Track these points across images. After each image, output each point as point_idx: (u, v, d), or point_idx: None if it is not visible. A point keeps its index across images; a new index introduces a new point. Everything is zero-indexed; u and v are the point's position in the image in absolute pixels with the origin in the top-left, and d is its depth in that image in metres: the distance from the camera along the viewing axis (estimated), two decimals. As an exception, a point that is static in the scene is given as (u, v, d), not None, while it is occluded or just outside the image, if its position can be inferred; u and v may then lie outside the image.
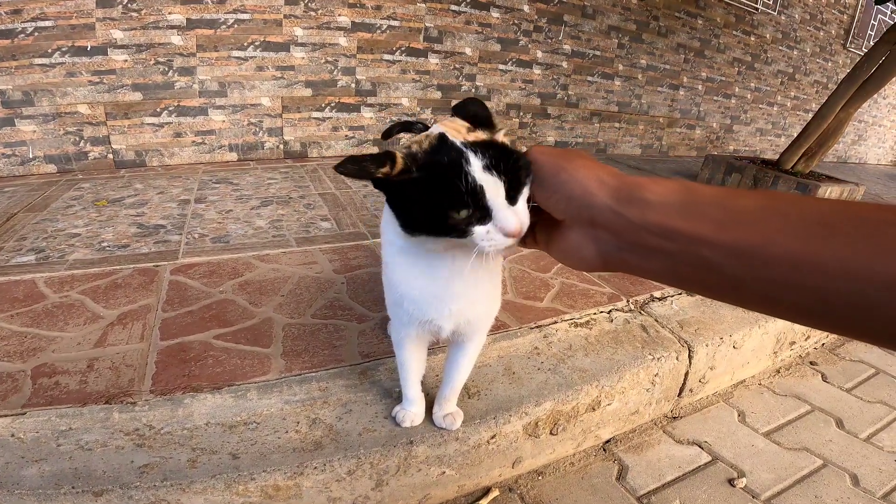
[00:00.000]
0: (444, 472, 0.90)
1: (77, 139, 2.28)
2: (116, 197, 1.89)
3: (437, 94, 3.10)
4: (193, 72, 2.42)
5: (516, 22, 3.21)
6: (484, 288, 0.68)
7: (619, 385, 1.05)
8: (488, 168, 0.47)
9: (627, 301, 1.38)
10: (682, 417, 1.21)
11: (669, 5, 3.84)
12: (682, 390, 1.21)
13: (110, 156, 2.36)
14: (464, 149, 0.48)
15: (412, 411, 0.86)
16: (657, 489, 0.98)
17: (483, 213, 0.48)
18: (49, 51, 2.12)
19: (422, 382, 0.86)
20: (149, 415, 0.82)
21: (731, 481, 1.01)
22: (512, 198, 0.49)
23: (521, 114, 3.49)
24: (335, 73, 2.74)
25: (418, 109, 3.06)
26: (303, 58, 2.63)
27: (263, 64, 2.55)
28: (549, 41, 3.39)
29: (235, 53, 2.49)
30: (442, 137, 0.50)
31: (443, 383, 0.85)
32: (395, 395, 0.92)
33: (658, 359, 1.12)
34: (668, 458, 1.07)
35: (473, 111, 0.55)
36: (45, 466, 0.70)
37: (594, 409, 1.03)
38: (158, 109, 2.40)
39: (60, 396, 0.84)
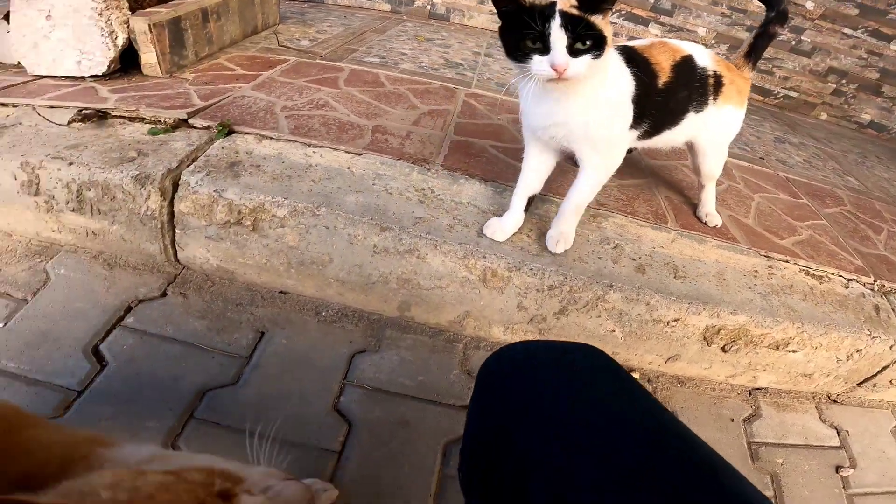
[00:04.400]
0: (613, 331, 0.99)
1: (411, -13, 2.73)
2: (429, 37, 2.27)
3: (742, 34, 2.63)
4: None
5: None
6: (582, 111, 0.83)
7: (818, 339, 0.99)
8: (562, 26, 0.69)
9: (875, 280, 1.17)
10: (842, 403, 1.14)
11: None
12: (868, 379, 1.09)
13: (428, 7, 2.78)
14: (557, 11, 0.69)
15: (500, 222, 0.97)
16: (771, 444, 0.99)
17: (544, 49, 0.71)
18: None
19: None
20: (434, 181, 1.09)
21: (838, 468, 0.98)
22: (573, 51, 0.71)
23: (844, 81, 2.72)
24: None
25: (713, 42, 2.67)
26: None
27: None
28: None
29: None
30: (553, 3, 0.70)
31: (561, 207, 0.97)
32: (613, 244, 1.02)
33: (873, 338, 1.00)
34: (801, 427, 1.05)
35: None
36: (360, 198, 1.00)
37: (777, 349, 1.00)
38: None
39: (386, 149, 1.17)
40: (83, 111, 1.16)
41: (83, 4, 1.29)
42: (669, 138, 1.01)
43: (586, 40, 0.71)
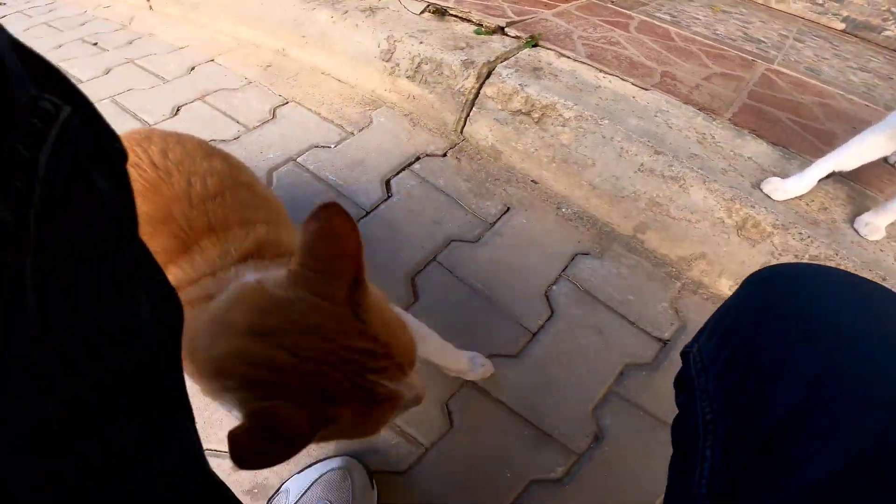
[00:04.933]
0: None
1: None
2: (726, 10, 2.12)
3: None
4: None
5: None
6: None
7: None
8: None
9: None
10: None
11: None
12: None
13: (729, -19, 2.55)
14: None
15: (783, 182, 0.93)
16: None
17: None
18: None
19: None
20: (717, 130, 1.09)
21: None
22: None
23: None
24: None
25: None
26: None
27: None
28: None
29: None
30: None
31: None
32: None
33: None
34: None
35: None
36: (641, 122, 1.06)
37: None
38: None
39: (673, 91, 1.20)
40: (431, 6, 1.46)
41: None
42: None
43: None
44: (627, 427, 0.82)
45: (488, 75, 1.20)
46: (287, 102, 1.40)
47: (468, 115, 1.27)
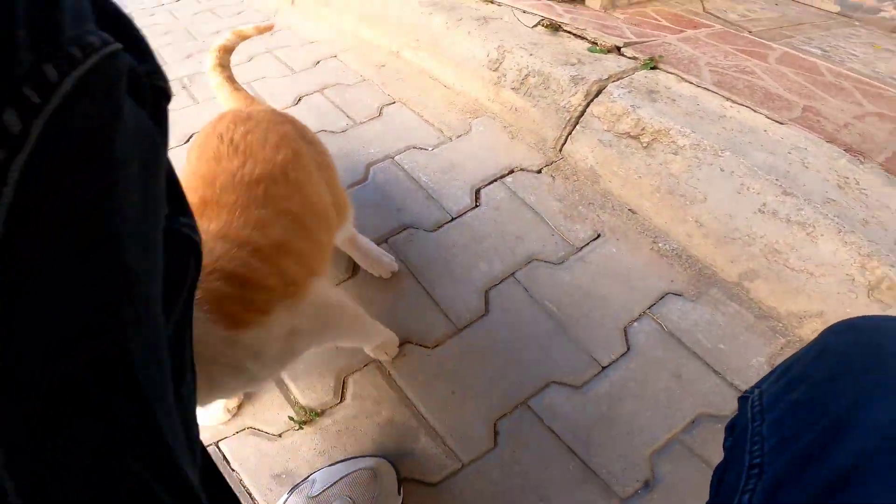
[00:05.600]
0: None
1: (884, -11, 2.22)
2: (889, 48, 1.84)
3: None
4: None
5: None
6: None
7: None
8: None
9: None
10: None
11: None
12: None
13: (890, 21, 2.22)
14: None
15: None
16: None
17: None
18: None
19: None
20: (863, 175, 0.93)
21: None
22: None
23: None
24: None
25: None
26: None
27: None
28: None
29: None
30: None
31: None
32: None
33: None
34: None
35: None
36: (770, 158, 0.94)
37: None
38: None
39: (815, 128, 1.05)
40: (545, 20, 1.44)
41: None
42: None
43: None
44: (685, 478, 0.74)
45: (598, 93, 1.15)
46: (394, 102, 1.46)
47: (570, 133, 1.22)
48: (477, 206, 1.17)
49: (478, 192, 1.20)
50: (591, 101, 1.16)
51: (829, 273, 0.85)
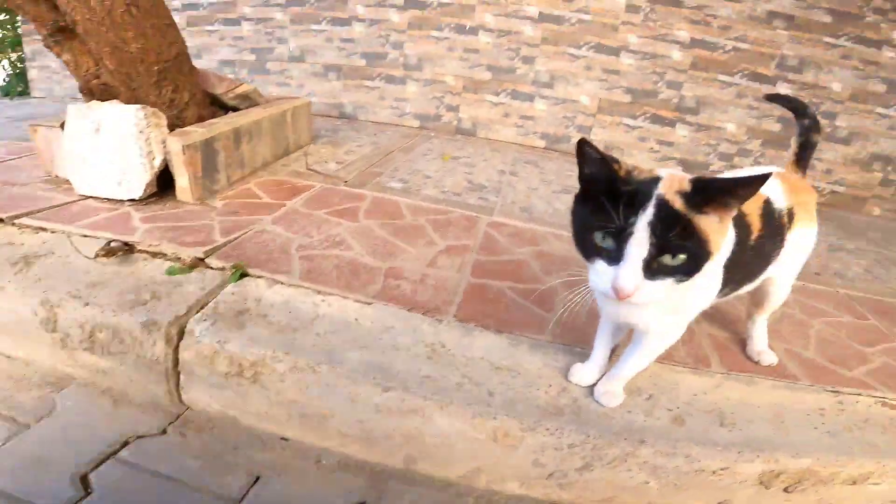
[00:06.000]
0: (647, 483, 0.87)
1: (438, 104, 2.94)
2: (455, 155, 2.38)
3: (777, 127, 2.64)
4: (533, 61, 2.75)
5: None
6: (659, 316, 0.73)
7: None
8: (651, 225, 0.50)
9: None
10: None
11: None
12: None
13: (455, 122, 2.96)
14: (654, 198, 0.50)
15: (583, 369, 0.93)
16: None
17: (615, 256, 0.53)
18: (440, 25, 2.76)
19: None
20: (445, 335, 1.04)
21: None
22: (651, 269, 0.51)
23: (890, 169, 2.63)
24: (659, 84, 2.66)
25: (745, 138, 2.69)
26: (630, 64, 2.65)
27: (591, 64, 2.69)
28: None
29: (571, 50, 2.69)
30: (657, 180, 0.52)
31: (617, 363, 0.89)
32: (645, 395, 0.94)
33: None
34: None
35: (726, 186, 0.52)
36: (365, 354, 0.95)
37: (853, 484, 0.86)
38: (499, 90, 2.84)
39: (397, 297, 1.14)
40: (111, 243, 1.20)
41: (127, 121, 1.39)
42: (745, 290, 0.94)
43: (679, 253, 0.50)
44: None
45: (180, 336, 0.97)
46: None
47: (178, 383, 1.00)
48: (89, 493, 0.85)
49: (85, 478, 0.87)
50: (177, 346, 0.97)
51: (458, 440, 0.88)
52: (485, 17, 2.73)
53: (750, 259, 0.80)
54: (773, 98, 1.07)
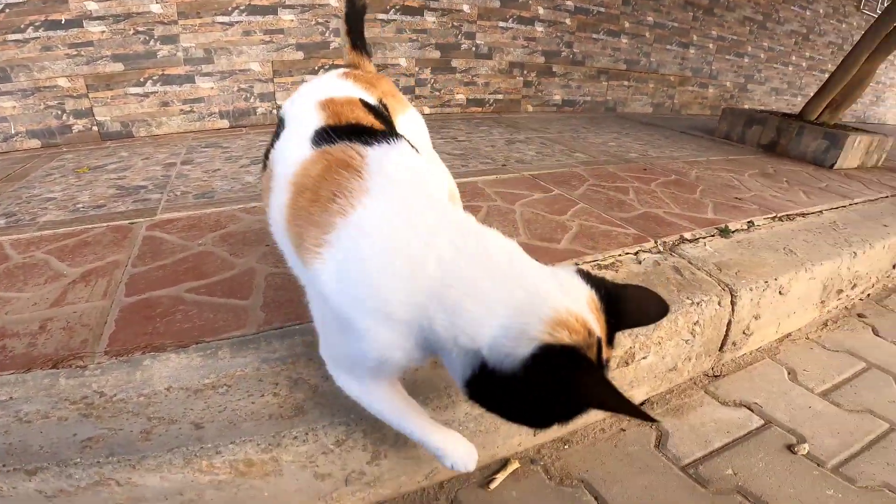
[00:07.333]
0: None
1: (59, 113, 2.16)
2: (99, 164, 1.77)
3: (436, 54, 2.95)
4: (176, 40, 2.28)
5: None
6: None
7: (654, 334, 0.92)
8: None
9: (655, 242, 1.24)
10: (724, 376, 1.08)
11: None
12: (724, 343, 1.07)
13: (95, 128, 2.24)
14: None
15: (454, 449, 0.64)
16: (704, 457, 0.85)
17: None
18: (22, 26, 1.99)
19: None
20: (100, 380, 0.70)
21: (790, 448, 0.88)
22: None
23: (525, 72, 3.31)
24: (327, 34, 2.58)
25: (416, 70, 2.92)
26: (292, 20, 2.48)
27: (250, 28, 2.41)
28: (553, -3, 3.21)
29: (220, 19, 2.34)
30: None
31: None
32: None
33: (697, 303, 0.99)
34: (713, 421, 0.94)
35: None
36: None
37: (627, 364, 0.91)
38: (142, 79, 2.27)
39: (4, 362, 0.72)
40: None
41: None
42: None
43: None
44: None
45: None
46: None
47: None
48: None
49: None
50: None
51: (197, 491, 0.61)
52: (86, 4, 2.06)
53: None
54: None
